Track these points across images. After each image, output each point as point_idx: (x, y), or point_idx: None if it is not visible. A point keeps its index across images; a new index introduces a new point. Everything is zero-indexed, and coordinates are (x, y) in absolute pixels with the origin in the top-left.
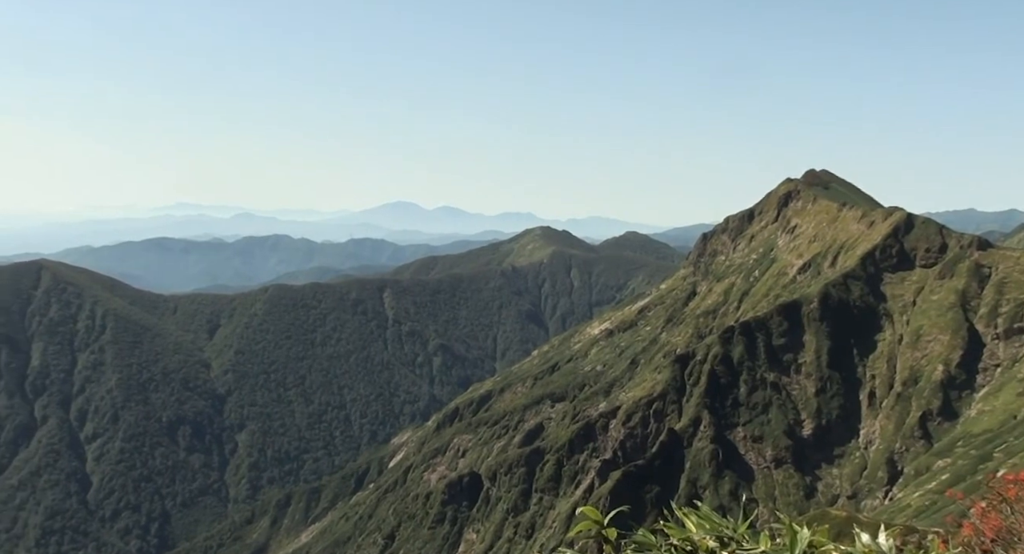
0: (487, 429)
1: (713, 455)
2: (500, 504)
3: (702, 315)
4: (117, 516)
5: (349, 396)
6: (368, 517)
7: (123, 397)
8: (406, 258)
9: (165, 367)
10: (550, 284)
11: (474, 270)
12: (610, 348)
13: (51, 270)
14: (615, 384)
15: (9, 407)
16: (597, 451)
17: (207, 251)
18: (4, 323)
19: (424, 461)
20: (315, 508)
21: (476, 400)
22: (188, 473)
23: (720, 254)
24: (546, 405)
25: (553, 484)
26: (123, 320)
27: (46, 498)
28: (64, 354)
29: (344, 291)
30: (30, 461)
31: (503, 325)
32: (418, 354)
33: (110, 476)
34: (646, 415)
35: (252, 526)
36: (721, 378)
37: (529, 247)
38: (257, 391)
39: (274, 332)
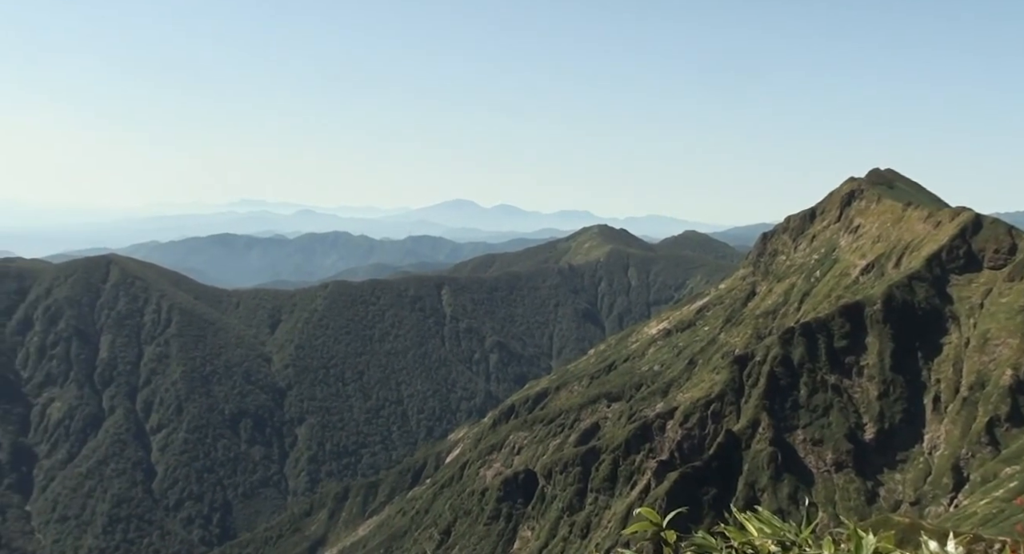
0: (543, 427)
1: (772, 458)
2: (555, 502)
3: (761, 316)
4: (180, 505)
5: (407, 392)
6: (424, 512)
7: (187, 389)
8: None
9: (228, 360)
10: (607, 283)
11: (531, 268)
12: (668, 348)
13: (120, 265)
14: (672, 384)
15: (79, 397)
16: (653, 452)
17: (269, 247)
18: (75, 316)
19: (480, 457)
20: (372, 502)
21: (532, 398)
22: (249, 465)
23: (780, 254)
24: (602, 404)
25: (609, 484)
26: (188, 314)
27: (113, 486)
28: (131, 346)
29: (402, 288)
30: (98, 450)
31: (559, 323)
32: (475, 351)
33: (174, 466)
34: (703, 416)
35: (311, 518)
36: (780, 380)
37: (586, 245)
38: (317, 386)
39: (334, 328)
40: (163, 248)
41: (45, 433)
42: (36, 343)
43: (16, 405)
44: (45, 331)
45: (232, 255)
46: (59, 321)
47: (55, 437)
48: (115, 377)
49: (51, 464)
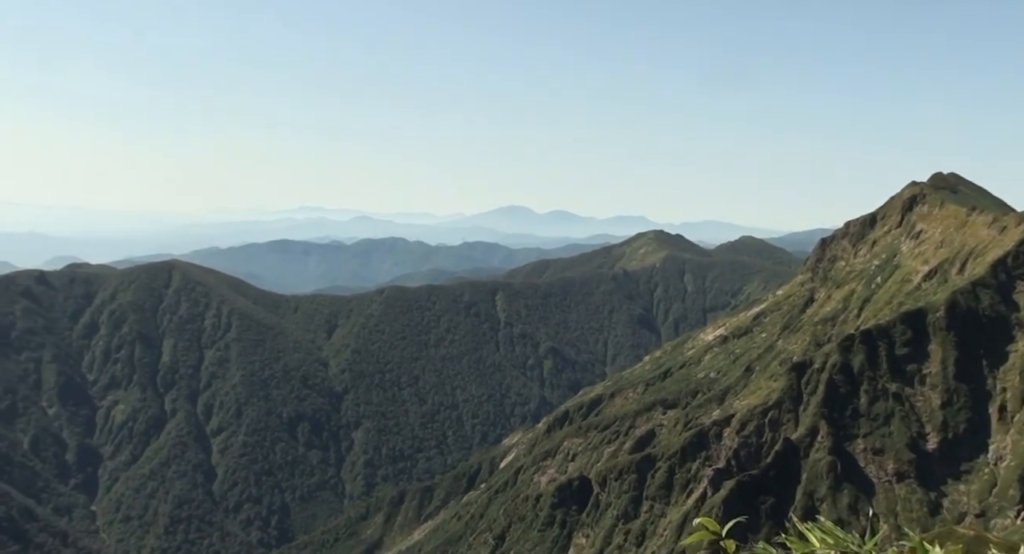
0: (597, 434)
1: (831, 467)
2: (610, 510)
3: (820, 322)
4: (240, 507)
5: (461, 397)
6: (479, 517)
7: (246, 393)
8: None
9: (286, 365)
10: (663, 288)
11: (585, 274)
12: (724, 355)
13: (181, 270)
14: (729, 391)
15: (142, 400)
16: (710, 460)
17: (327, 253)
18: (138, 320)
19: (534, 463)
20: (428, 506)
21: (586, 404)
22: (307, 468)
23: (840, 260)
24: (658, 411)
25: (664, 492)
26: (247, 319)
27: (174, 488)
28: (192, 351)
29: (457, 293)
30: (160, 452)
31: (614, 329)
32: (529, 357)
33: (233, 469)
34: (761, 424)
35: (367, 522)
36: (840, 388)
37: (641, 251)
38: (373, 390)
39: (389, 333)
40: (223, 254)
41: (110, 435)
42: (101, 347)
43: (82, 407)
44: (110, 335)
45: (290, 261)
46: (123, 325)
47: (119, 439)
48: (177, 380)
49: (115, 465)
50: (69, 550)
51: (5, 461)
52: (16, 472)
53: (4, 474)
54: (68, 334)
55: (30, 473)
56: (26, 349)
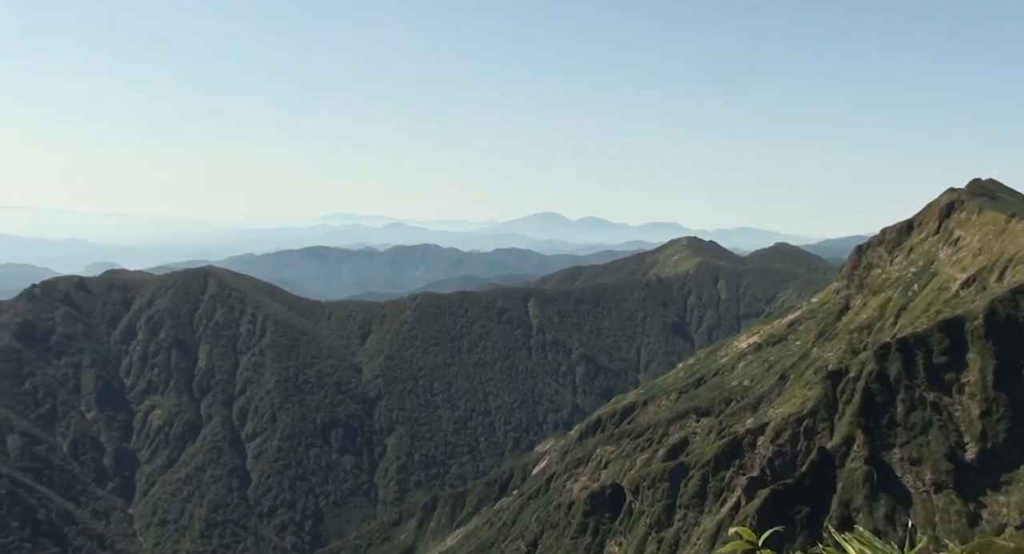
0: (630, 441)
1: (867, 477)
2: (643, 518)
3: (856, 330)
4: (274, 512)
5: (494, 403)
6: (511, 523)
7: (281, 398)
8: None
9: (320, 371)
10: (696, 296)
11: (618, 280)
12: (758, 362)
13: (217, 277)
14: (763, 399)
15: (178, 405)
16: (744, 468)
17: (360, 259)
18: (175, 326)
19: (567, 470)
20: (460, 512)
21: (619, 411)
22: (340, 473)
23: (876, 267)
24: (691, 419)
25: (698, 500)
26: (282, 325)
27: (210, 492)
28: (228, 356)
29: (490, 300)
30: (196, 456)
31: (647, 336)
32: (561, 363)
33: (268, 474)
34: (795, 432)
35: (400, 528)
36: (876, 396)
37: (675, 258)
38: (406, 396)
39: (422, 339)
40: (258, 261)
41: (146, 439)
42: (139, 352)
43: (120, 412)
44: (147, 340)
45: (325, 267)
46: (160, 331)
47: (156, 443)
48: (212, 386)
49: (152, 469)
50: (107, 553)
51: (45, 465)
52: (56, 475)
53: (44, 477)
54: (106, 339)
55: (69, 477)
56: (66, 354)
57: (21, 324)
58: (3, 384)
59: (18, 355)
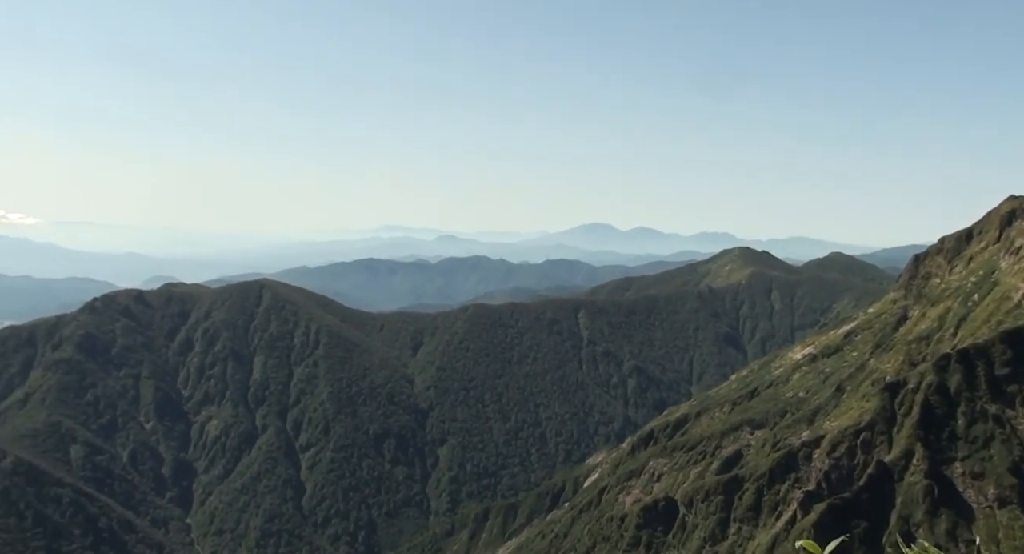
0: (683, 454)
1: (927, 491)
2: (697, 531)
3: (914, 341)
4: (328, 522)
5: (545, 414)
6: (563, 536)
7: (334, 409)
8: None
9: (372, 382)
10: (749, 306)
11: (669, 291)
12: (813, 374)
13: (271, 289)
14: (819, 412)
15: (234, 416)
16: (800, 482)
17: (412, 271)
18: (230, 338)
19: (619, 483)
20: (512, 524)
21: (672, 423)
22: (392, 484)
23: (934, 277)
24: (745, 431)
25: (752, 514)
26: (335, 336)
27: (265, 502)
28: (282, 367)
29: (540, 311)
30: (251, 467)
31: (699, 348)
32: (612, 375)
33: (322, 484)
34: (852, 446)
35: (452, 539)
36: (936, 409)
37: (727, 268)
38: (457, 407)
39: (473, 350)
40: (312, 273)
41: (203, 449)
42: (196, 364)
43: (178, 422)
44: (204, 352)
45: (376, 279)
46: (216, 343)
47: (212, 453)
48: (267, 397)
49: (209, 479)
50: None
51: (106, 474)
52: (116, 485)
53: (105, 487)
54: (164, 351)
55: (129, 486)
56: (125, 365)
57: (83, 337)
58: (66, 395)
59: (80, 367)
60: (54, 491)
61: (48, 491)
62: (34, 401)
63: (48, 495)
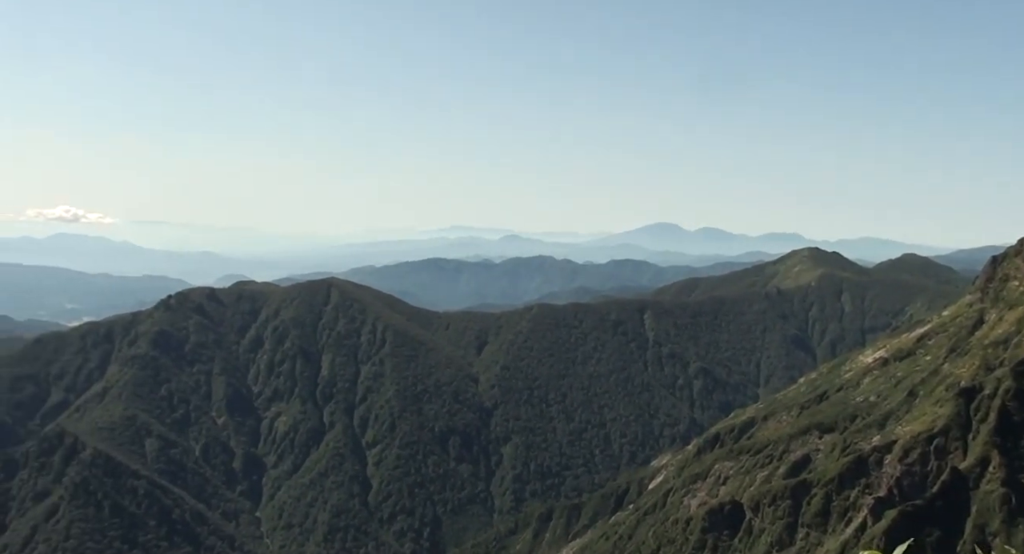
0: (749, 457)
1: (1004, 500)
2: (763, 536)
3: (991, 345)
4: (393, 518)
5: (609, 415)
6: (627, 538)
7: (400, 407)
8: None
9: (437, 380)
10: (818, 308)
11: (736, 292)
12: (885, 378)
13: (339, 288)
14: (890, 416)
15: (302, 412)
16: (870, 488)
17: (477, 271)
18: (299, 336)
19: (684, 485)
20: (576, 524)
21: (738, 426)
22: (457, 482)
23: (1013, 279)
24: (813, 436)
25: (821, 520)
26: (401, 335)
27: (332, 497)
28: (349, 365)
29: (604, 312)
30: (319, 463)
31: (767, 350)
32: (678, 377)
33: (387, 480)
34: (925, 452)
35: (515, 537)
36: (1014, 415)
37: (796, 269)
38: (521, 406)
39: (537, 350)
40: (378, 272)
41: (273, 445)
42: (265, 361)
43: (248, 418)
44: (273, 350)
45: (442, 279)
46: (285, 340)
47: (281, 449)
48: (335, 394)
49: (278, 474)
50: (236, 553)
51: (179, 467)
52: (189, 478)
53: (178, 480)
54: (235, 348)
55: (201, 479)
56: (198, 362)
57: (158, 333)
58: (141, 390)
59: (155, 362)
60: (130, 483)
61: (125, 482)
62: (111, 395)
63: (125, 486)
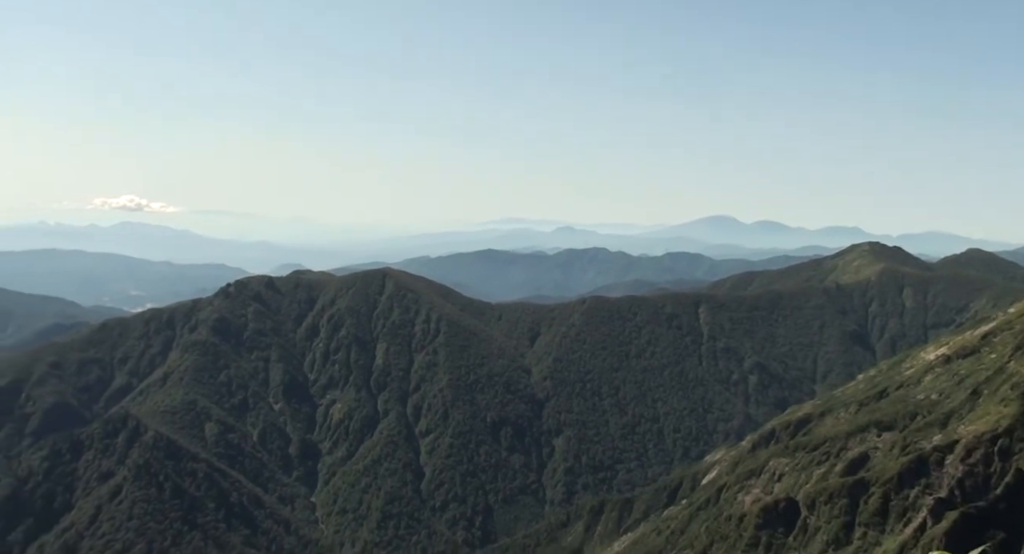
0: (805, 454)
1: None
2: (819, 535)
3: None
4: (446, 507)
5: (662, 409)
6: (680, 533)
7: (452, 396)
8: (722, 273)
9: (490, 370)
10: (878, 304)
11: (794, 287)
12: (947, 376)
13: (394, 278)
14: (952, 415)
15: (357, 400)
16: (930, 488)
17: (530, 263)
18: (355, 325)
19: (738, 482)
20: (627, 518)
21: (794, 423)
22: (509, 472)
23: None
24: (872, 433)
25: (879, 519)
26: (454, 325)
27: (386, 484)
28: (403, 354)
29: (659, 305)
30: (373, 450)
31: (824, 346)
32: (733, 372)
33: (440, 469)
34: (989, 452)
35: (567, 529)
36: None
37: (855, 264)
38: (573, 398)
39: (590, 342)
40: (433, 263)
41: (328, 431)
42: (321, 349)
43: (304, 405)
44: (329, 338)
45: (495, 270)
46: (341, 329)
47: (336, 435)
48: (388, 382)
49: (332, 460)
50: (291, 538)
51: (237, 452)
52: (247, 462)
53: (236, 464)
54: (292, 336)
55: (258, 464)
56: (256, 349)
57: (217, 320)
58: (201, 375)
59: (215, 349)
60: (190, 465)
61: (185, 465)
62: (172, 380)
63: (185, 469)
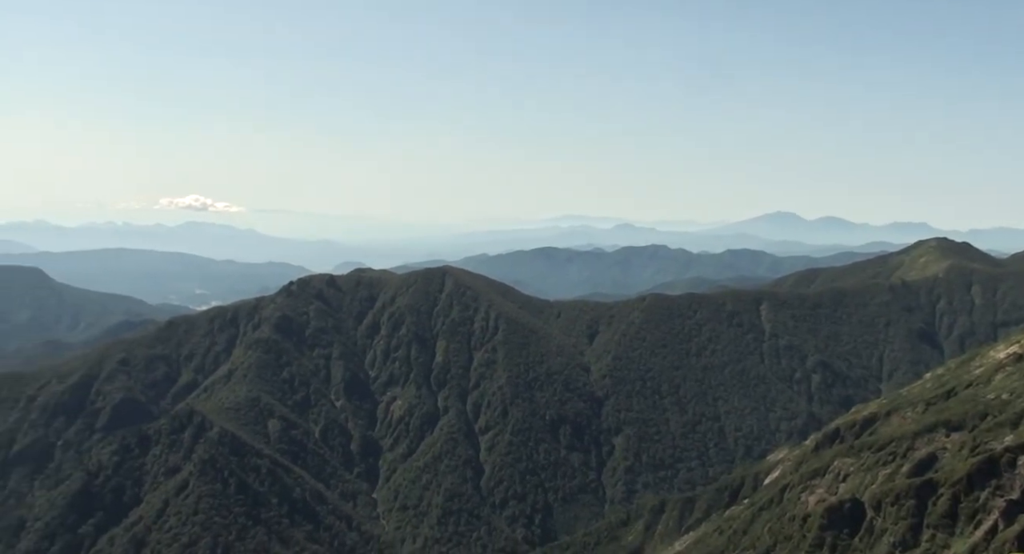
0: (871, 454)
1: None
2: (885, 536)
3: None
4: (505, 504)
5: (723, 408)
6: (742, 533)
7: (512, 394)
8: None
9: (549, 368)
10: (946, 301)
11: (858, 284)
12: (1019, 375)
13: (453, 276)
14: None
15: (417, 397)
16: (1002, 489)
17: (589, 260)
18: (415, 322)
19: (801, 481)
20: (689, 518)
21: (859, 422)
22: (568, 470)
23: None
24: (940, 433)
25: (948, 521)
26: (513, 323)
27: (446, 481)
28: (463, 352)
29: (720, 302)
30: (433, 447)
31: (890, 344)
32: (795, 370)
33: (499, 466)
34: None
35: (627, 528)
36: None
37: (922, 260)
38: (633, 397)
39: (650, 340)
40: (491, 261)
41: (389, 428)
42: (382, 346)
43: (365, 402)
44: (389, 335)
45: (554, 267)
46: (401, 327)
47: (397, 432)
48: (448, 380)
49: (393, 457)
50: (353, 533)
51: (300, 448)
52: (309, 458)
53: (299, 460)
54: (353, 333)
55: (320, 460)
56: (318, 346)
57: (280, 318)
58: (264, 372)
59: (277, 346)
60: (254, 461)
61: (249, 461)
62: (236, 377)
63: (249, 465)
